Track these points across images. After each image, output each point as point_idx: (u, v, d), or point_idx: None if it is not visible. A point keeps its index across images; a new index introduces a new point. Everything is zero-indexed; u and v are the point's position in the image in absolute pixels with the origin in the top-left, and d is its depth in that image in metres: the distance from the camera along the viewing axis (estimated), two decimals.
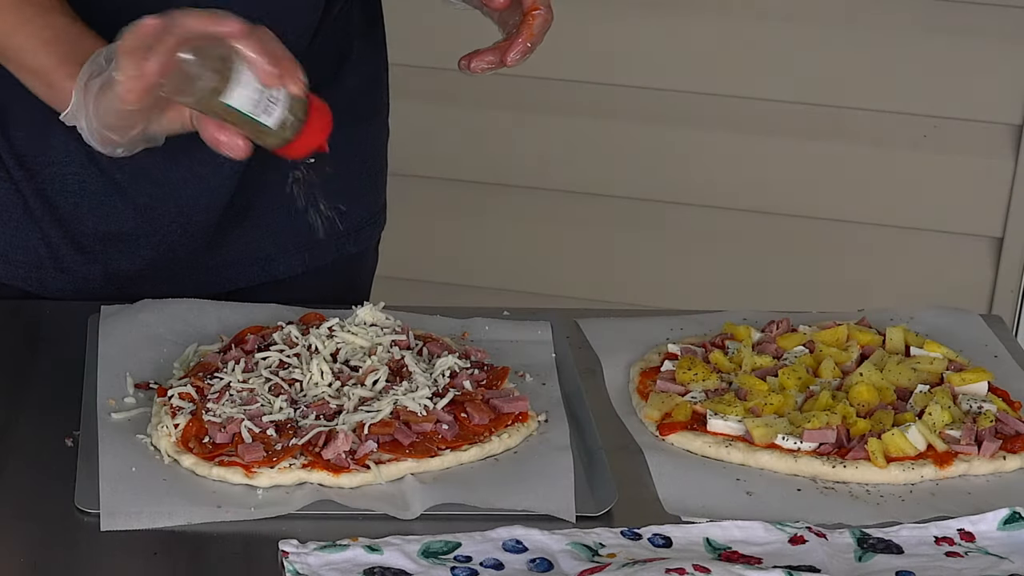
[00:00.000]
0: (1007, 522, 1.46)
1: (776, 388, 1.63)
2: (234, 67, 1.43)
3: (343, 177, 1.90)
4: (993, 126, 2.90)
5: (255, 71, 1.44)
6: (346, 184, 1.91)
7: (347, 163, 1.90)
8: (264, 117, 1.45)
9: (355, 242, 1.97)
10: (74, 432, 1.56)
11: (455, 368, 1.62)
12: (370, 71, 1.94)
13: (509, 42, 1.63)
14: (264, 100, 1.44)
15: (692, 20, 2.91)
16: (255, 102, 1.44)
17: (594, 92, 2.96)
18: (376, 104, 1.97)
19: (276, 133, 1.46)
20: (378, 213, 2.01)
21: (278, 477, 1.48)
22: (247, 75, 1.44)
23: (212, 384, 1.58)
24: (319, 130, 1.48)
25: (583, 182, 3.02)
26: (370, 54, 1.94)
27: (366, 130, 1.95)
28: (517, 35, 1.63)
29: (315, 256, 1.93)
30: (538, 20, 1.63)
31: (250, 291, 1.90)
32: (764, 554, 1.41)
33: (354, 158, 1.93)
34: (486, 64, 1.63)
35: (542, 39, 1.63)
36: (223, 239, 1.87)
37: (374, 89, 1.95)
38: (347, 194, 1.91)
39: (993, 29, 2.84)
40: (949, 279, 2.97)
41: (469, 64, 1.63)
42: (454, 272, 3.09)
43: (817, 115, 2.93)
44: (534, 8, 1.63)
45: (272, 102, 1.45)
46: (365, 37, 1.93)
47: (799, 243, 3.00)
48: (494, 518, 1.44)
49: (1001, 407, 1.62)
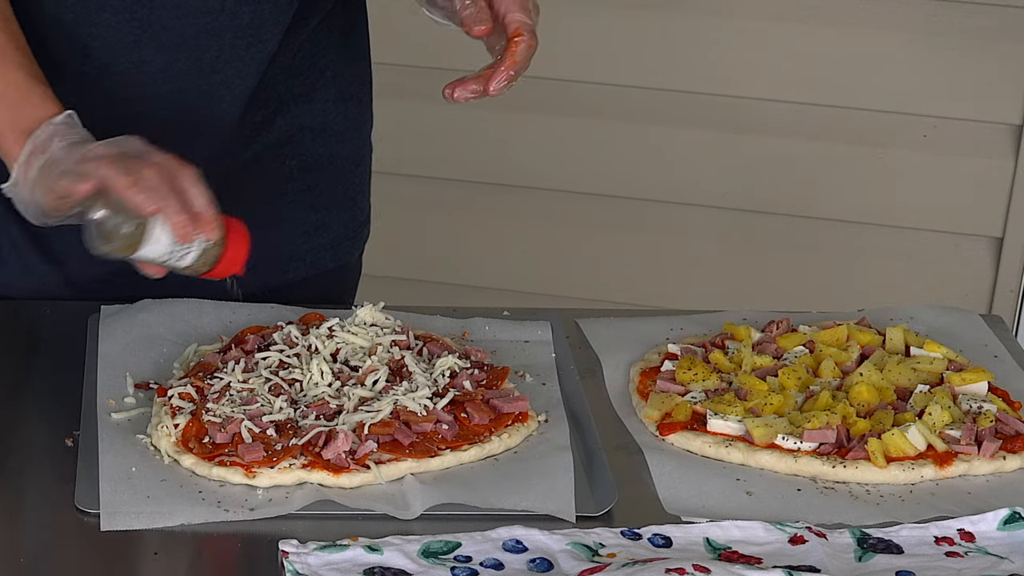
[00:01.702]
0: (1007, 522, 1.46)
1: (776, 388, 1.63)
2: (148, 225, 1.50)
3: (319, 192, 1.89)
4: (993, 126, 2.90)
5: (169, 228, 1.50)
6: (322, 199, 1.90)
7: (323, 178, 1.90)
8: (178, 263, 1.53)
9: (333, 257, 1.95)
10: (74, 432, 1.56)
11: (455, 368, 1.62)
12: (348, 88, 1.91)
13: (492, 70, 1.61)
14: (178, 251, 1.52)
15: (692, 20, 2.91)
16: (169, 253, 1.52)
17: (595, 92, 2.96)
18: (354, 120, 1.93)
19: (191, 270, 1.54)
20: (359, 228, 1.98)
21: (278, 477, 1.48)
22: (161, 231, 1.50)
23: (212, 384, 1.58)
24: (234, 258, 1.55)
25: (584, 182, 3.02)
26: (349, 71, 1.91)
27: (342, 146, 1.92)
28: (500, 62, 1.61)
29: (288, 272, 1.91)
30: (521, 47, 1.61)
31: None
32: (764, 554, 1.41)
33: (330, 173, 1.91)
34: (469, 93, 1.61)
35: (527, 66, 1.62)
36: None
37: (351, 106, 1.92)
38: (323, 209, 1.91)
39: (993, 29, 2.84)
40: (949, 279, 2.97)
41: (453, 93, 1.61)
42: (454, 272, 3.09)
43: (817, 115, 2.93)
44: (517, 34, 1.61)
45: (186, 250, 1.52)
46: (344, 53, 1.90)
47: (799, 243, 3.00)
48: (494, 518, 1.45)
49: (1001, 407, 1.62)
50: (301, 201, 1.90)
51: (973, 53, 2.86)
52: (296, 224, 1.90)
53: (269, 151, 1.86)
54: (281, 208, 1.89)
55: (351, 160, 1.94)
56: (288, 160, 1.87)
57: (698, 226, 3.02)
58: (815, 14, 2.88)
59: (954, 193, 2.93)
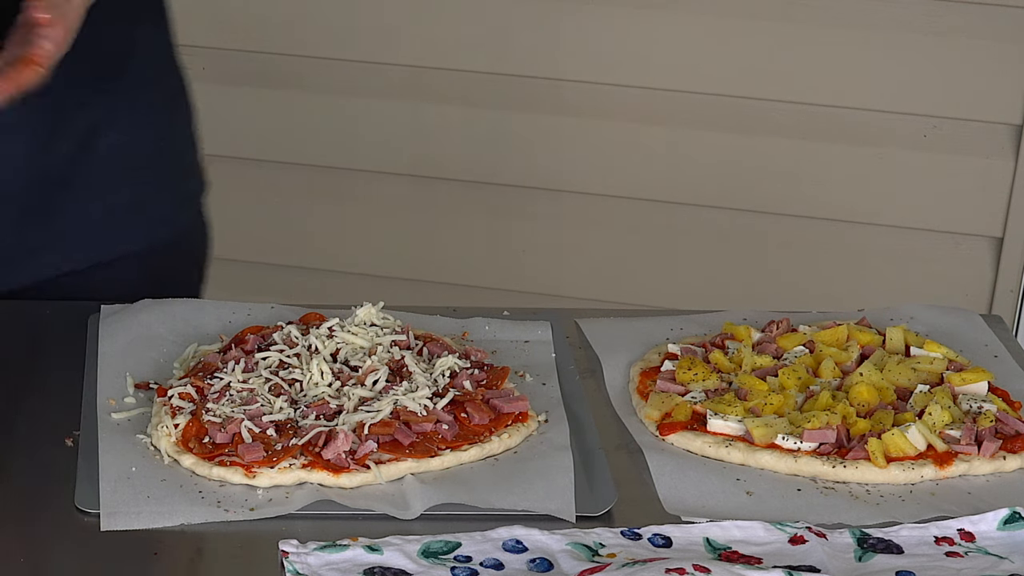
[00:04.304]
0: (1007, 522, 1.46)
1: (776, 388, 1.63)
2: None
3: (147, 166, 1.89)
4: (993, 126, 2.90)
5: None
6: (150, 171, 1.90)
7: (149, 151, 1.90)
8: None
9: (168, 228, 1.93)
10: (74, 432, 1.56)
11: (455, 368, 1.62)
12: (159, 58, 1.92)
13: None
14: None
15: (692, 20, 2.91)
16: None
17: (595, 92, 2.96)
18: (171, 90, 1.94)
19: None
20: (190, 199, 1.98)
21: (278, 477, 1.48)
22: None
23: (212, 384, 1.58)
24: None
25: (584, 182, 3.02)
26: (157, 42, 1.91)
27: (162, 116, 1.92)
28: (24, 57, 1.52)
29: (125, 244, 1.90)
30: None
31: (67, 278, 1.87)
32: (764, 554, 1.41)
33: (148, 149, 1.90)
34: None
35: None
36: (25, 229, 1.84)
37: (165, 75, 1.93)
38: (152, 182, 1.91)
39: (993, 29, 2.84)
40: (949, 279, 2.97)
41: None
42: (454, 272, 3.09)
43: (817, 115, 2.93)
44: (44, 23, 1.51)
45: None
46: (150, 26, 1.90)
47: (799, 243, 3.00)
48: (494, 518, 1.45)
49: (1001, 407, 1.62)
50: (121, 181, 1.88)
51: (973, 53, 2.86)
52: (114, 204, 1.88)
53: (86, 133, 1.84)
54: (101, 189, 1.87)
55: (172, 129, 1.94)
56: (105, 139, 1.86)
57: (698, 226, 3.02)
58: (815, 14, 2.88)
59: (954, 193, 2.93)
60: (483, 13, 2.93)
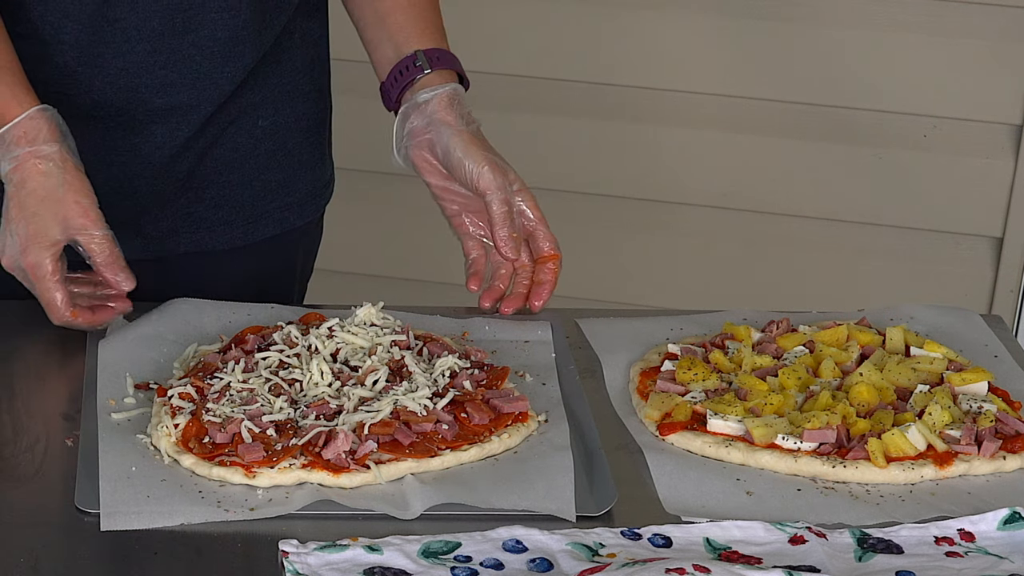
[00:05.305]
0: (1007, 522, 1.46)
1: (776, 388, 1.63)
2: None
3: (287, 151, 1.92)
4: (993, 126, 2.90)
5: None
6: (290, 158, 1.95)
7: (290, 138, 1.94)
8: None
9: (299, 215, 1.99)
10: (74, 432, 1.56)
11: (455, 368, 1.62)
12: (313, 51, 1.97)
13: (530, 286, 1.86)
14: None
15: (692, 20, 2.91)
16: None
17: (594, 92, 2.96)
18: (318, 82, 1.99)
19: None
20: (323, 187, 2.03)
21: (278, 477, 1.48)
22: None
23: (212, 384, 1.58)
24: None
25: (583, 182, 3.02)
26: (313, 34, 1.96)
27: (307, 106, 1.97)
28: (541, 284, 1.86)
29: (256, 229, 1.95)
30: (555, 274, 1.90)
31: (185, 258, 1.92)
32: (764, 554, 1.41)
33: (297, 133, 1.96)
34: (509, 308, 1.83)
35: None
36: (161, 207, 1.89)
37: (316, 68, 1.98)
38: (291, 167, 1.96)
39: (993, 29, 2.84)
40: (949, 279, 2.97)
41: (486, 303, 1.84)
42: (454, 272, 3.09)
43: (817, 115, 2.93)
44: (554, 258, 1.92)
45: None
46: (308, 18, 1.95)
47: (799, 243, 3.00)
48: (494, 518, 1.44)
49: (1001, 407, 1.62)
50: (271, 161, 1.94)
51: (973, 53, 2.86)
52: (265, 183, 1.95)
53: (243, 114, 1.90)
54: (251, 168, 1.93)
55: (317, 120, 1.99)
56: (260, 121, 1.92)
57: (698, 226, 3.02)
58: (815, 14, 2.88)
59: (954, 193, 2.93)
60: (483, 13, 2.93)
